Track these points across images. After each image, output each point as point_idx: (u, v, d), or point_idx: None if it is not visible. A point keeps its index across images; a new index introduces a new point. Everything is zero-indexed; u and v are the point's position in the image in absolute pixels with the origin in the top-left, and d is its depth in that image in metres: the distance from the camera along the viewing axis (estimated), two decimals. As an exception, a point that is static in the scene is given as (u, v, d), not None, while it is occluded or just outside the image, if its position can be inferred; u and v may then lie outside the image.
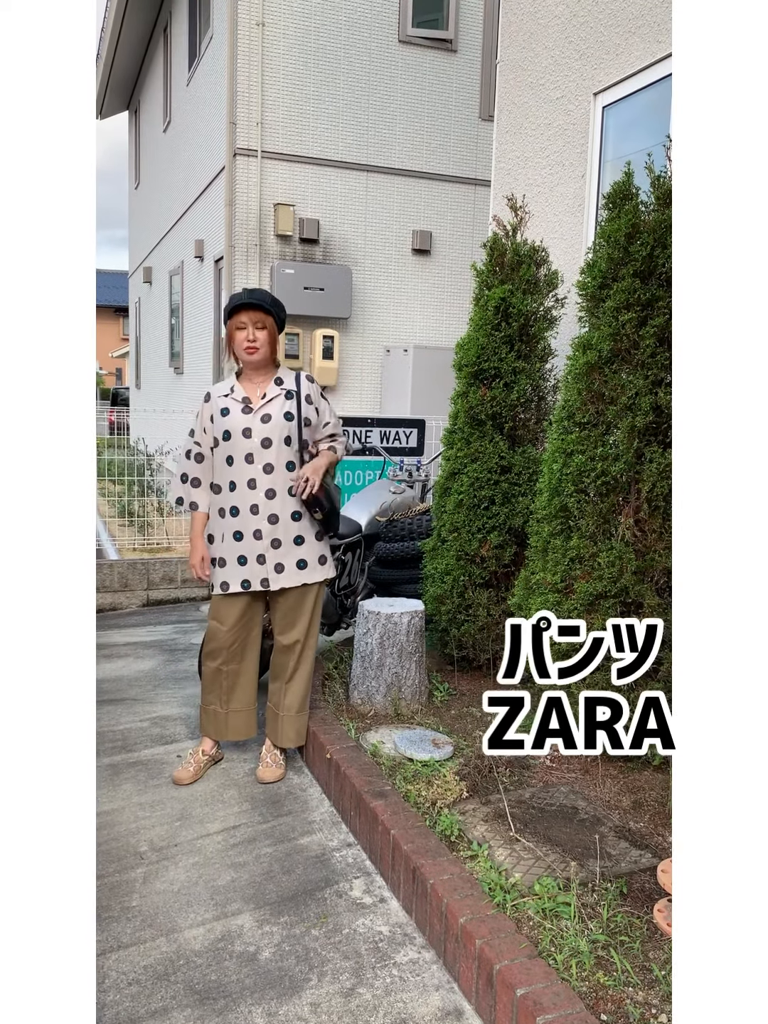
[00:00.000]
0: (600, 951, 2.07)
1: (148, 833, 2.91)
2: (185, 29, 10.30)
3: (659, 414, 2.92)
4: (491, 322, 3.84)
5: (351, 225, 8.64)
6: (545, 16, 4.83)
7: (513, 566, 3.84)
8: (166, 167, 11.96)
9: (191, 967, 2.25)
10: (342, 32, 8.30)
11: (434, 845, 2.50)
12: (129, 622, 5.66)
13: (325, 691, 3.76)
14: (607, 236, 3.01)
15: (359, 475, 6.52)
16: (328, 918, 2.45)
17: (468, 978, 2.13)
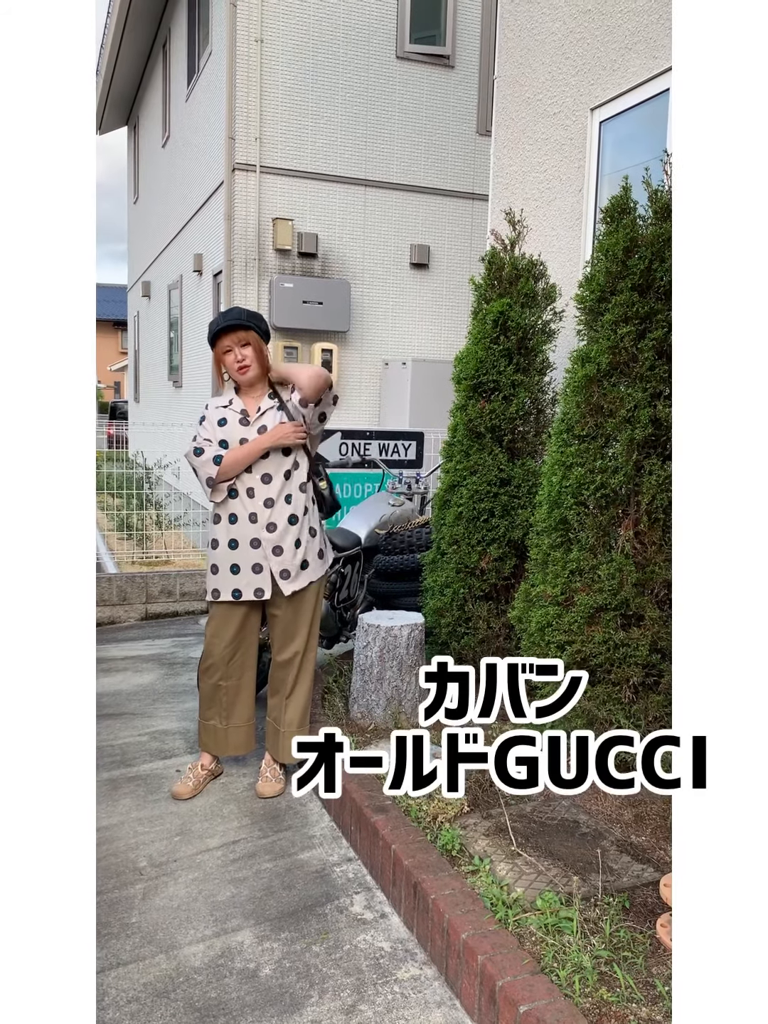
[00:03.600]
0: (603, 967, 2.05)
1: (147, 848, 2.89)
2: (184, 45, 10.37)
3: (658, 427, 2.93)
4: (490, 335, 3.85)
5: (350, 239, 8.67)
6: (542, 32, 4.87)
7: (513, 579, 3.84)
8: (165, 182, 12.02)
9: (191, 984, 2.23)
10: (340, 48, 8.36)
11: (435, 860, 2.48)
12: (128, 636, 5.65)
13: (325, 705, 3.74)
14: (605, 250, 3.03)
15: (358, 488, 6.52)
16: (329, 934, 2.44)
17: (470, 995, 2.11)
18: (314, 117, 8.38)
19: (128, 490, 8.34)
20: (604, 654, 2.91)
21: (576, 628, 2.95)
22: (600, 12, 4.36)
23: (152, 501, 8.46)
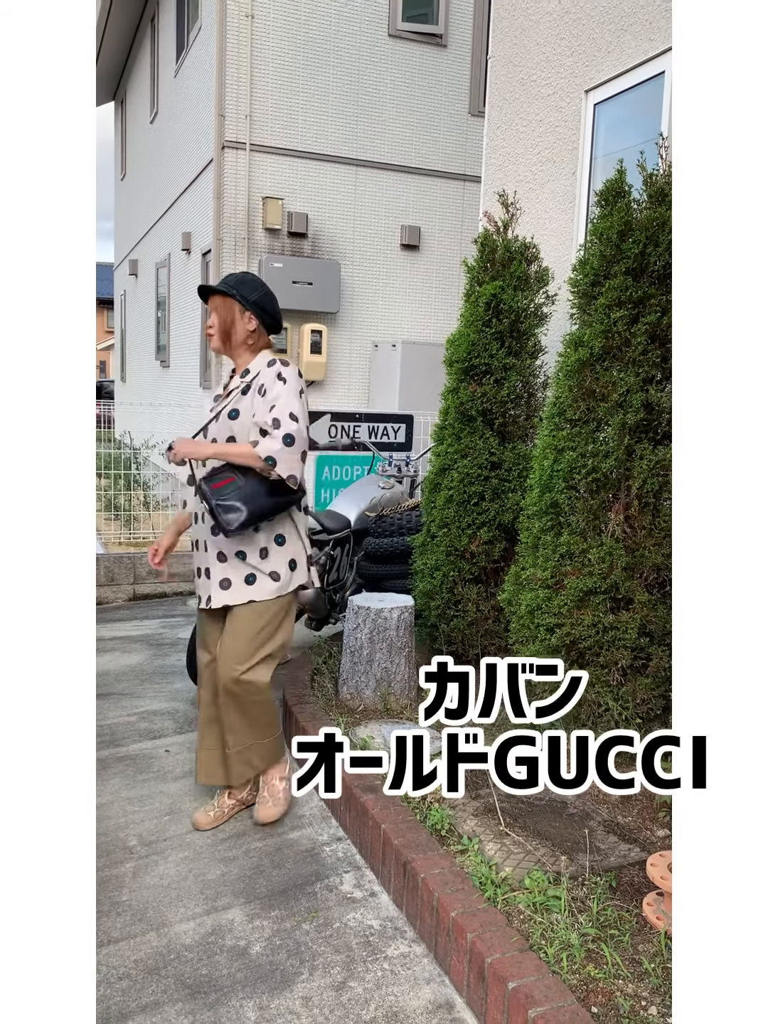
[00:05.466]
0: (590, 944, 2.08)
1: (137, 828, 2.90)
2: (173, 20, 10.22)
3: (650, 411, 2.94)
4: (482, 318, 3.85)
5: (340, 219, 8.61)
6: (537, 12, 4.83)
7: (503, 562, 3.86)
8: (153, 159, 11.88)
9: (182, 961, 2.25)
10: (332, 25, 8.27)
11: (425, 839, 2.51)
12: (116, 616, 5.64)
13: (314, 686, 3.76)
14: (599, 233, 3.02)
15: (347, 470, 6.52)
16: (319, 912, 2.46)
17: (459, 971, 2.14)
18: (305, 95, 8.29)
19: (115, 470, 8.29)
20: (593, 637, 2.93)
21: (565, 611, 2.97)
22: (596, -7, 4.33)
23: (139, 482, 8.42)
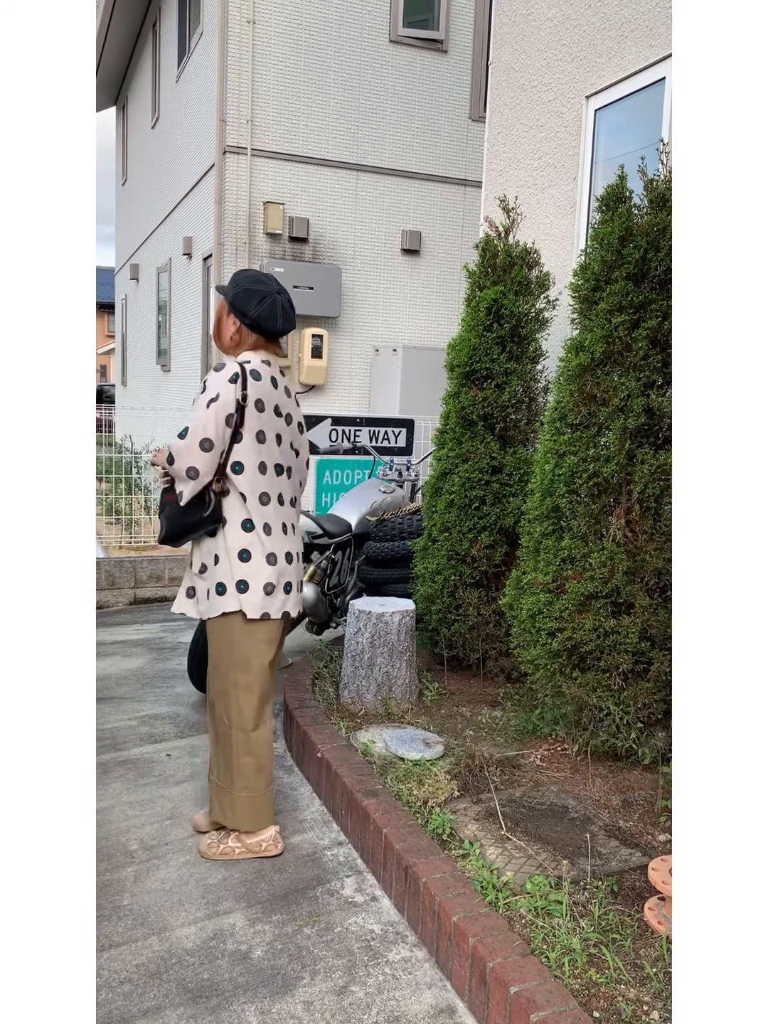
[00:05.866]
0: (592, 949, 2.08)
1: (139, 832, 2.90)
2: (175, 25, 10.25)
3: (651, 416, 2.94)
4: (483, 323, 3.85)
5: (341, 224, 8.63)
6: (538, 19, 4.85)
7: (504, 566, 3.86)
8: (154, 163, 11.91)
9: (183, 966, 2.25)
10: (333, 30, 8.30)
11: (426, 844, 2.51)
12: (116, 620, 5.64)
13: (315, 690, 3.76)
14: (600, 239, 3.03)
15: (348, 474, 6.53)
16: (320, 916, 2.46)
17: (461, 976, 2.14)
18: (306, 100, 8.32)
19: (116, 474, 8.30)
20: (594, 641, 2.93)
21: (567, 615, 2.97)
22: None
23: (140, 486, 8.43)
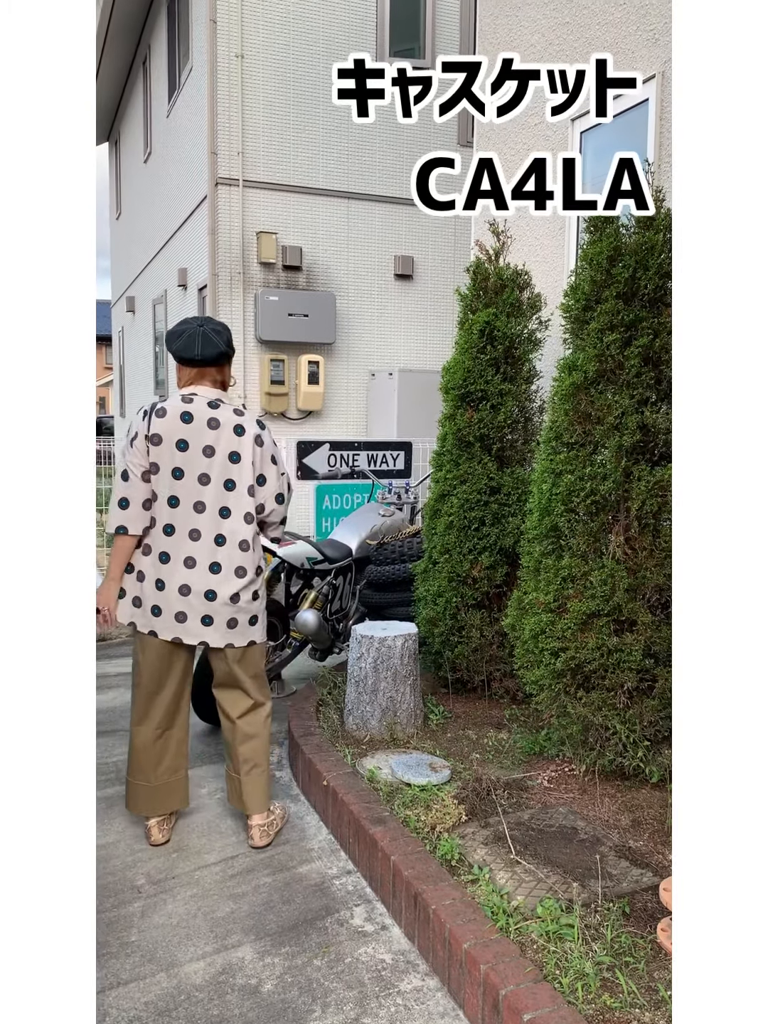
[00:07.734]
0: (605, 973, 2.06)
1: (145, 866, 2.87)
2: (164, 62, 10.40)
3: (646, 433, 2.95)
4: (476, 345, 3.88)
5: (334, 251, 8.71)
6: (521, 44, 4.92)
7: (505, 586, 3.85)
8: (147, 197, 12.04)
9: (192, 1002, 2.22)
10: (321, 61, 8.41)
11: (435, 870, 2.48)
12: (119, 652, 5.62)
13: (320, 717, 3.74)
14: (589, 259, 3.05)
15: (347, 499, 6.53)
16: (330, 947, 2.43)
17: (473, 1004, 2.11)
18: (296, 131, 8.42)
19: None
20: (598, 660, 2.92)
21: (569, 635, 2.96)
22: (578, 24, 4.41)
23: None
